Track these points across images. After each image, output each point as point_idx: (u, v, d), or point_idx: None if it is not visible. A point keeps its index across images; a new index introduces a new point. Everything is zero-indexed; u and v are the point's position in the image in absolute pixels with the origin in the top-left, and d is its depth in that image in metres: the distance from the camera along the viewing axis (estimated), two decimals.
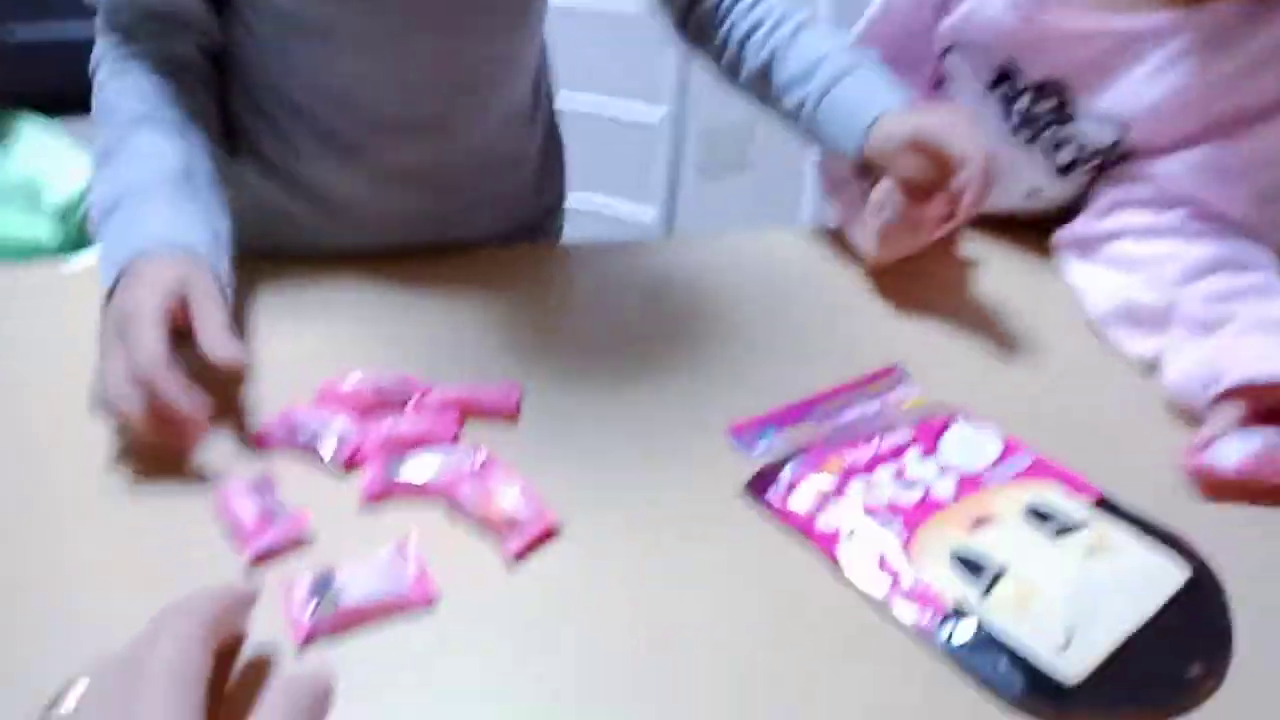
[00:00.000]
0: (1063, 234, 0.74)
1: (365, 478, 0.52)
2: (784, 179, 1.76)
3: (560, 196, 0.92)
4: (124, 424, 0.50)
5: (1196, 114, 0.65)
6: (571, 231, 0.96)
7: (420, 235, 0.76)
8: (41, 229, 1.16)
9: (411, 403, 0.59)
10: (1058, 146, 0.71)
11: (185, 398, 0.49)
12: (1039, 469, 0.52)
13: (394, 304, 0.70)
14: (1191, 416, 0.58)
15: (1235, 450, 0.51)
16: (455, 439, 0.56)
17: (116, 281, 0.54)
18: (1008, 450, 0.53)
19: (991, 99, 0.72)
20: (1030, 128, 0.71)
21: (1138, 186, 0.69)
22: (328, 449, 0.54)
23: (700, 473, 0.53)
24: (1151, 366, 0.63)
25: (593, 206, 1.19)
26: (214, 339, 0.51)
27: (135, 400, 0.49)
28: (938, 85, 0.77)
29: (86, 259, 1.15)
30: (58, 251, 1.17)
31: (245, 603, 0.36)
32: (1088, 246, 0.71)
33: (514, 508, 0.50)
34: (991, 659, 0.42)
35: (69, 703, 0.31)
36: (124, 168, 0.60)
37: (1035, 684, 0.41)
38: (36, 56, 1.18)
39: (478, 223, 0.80)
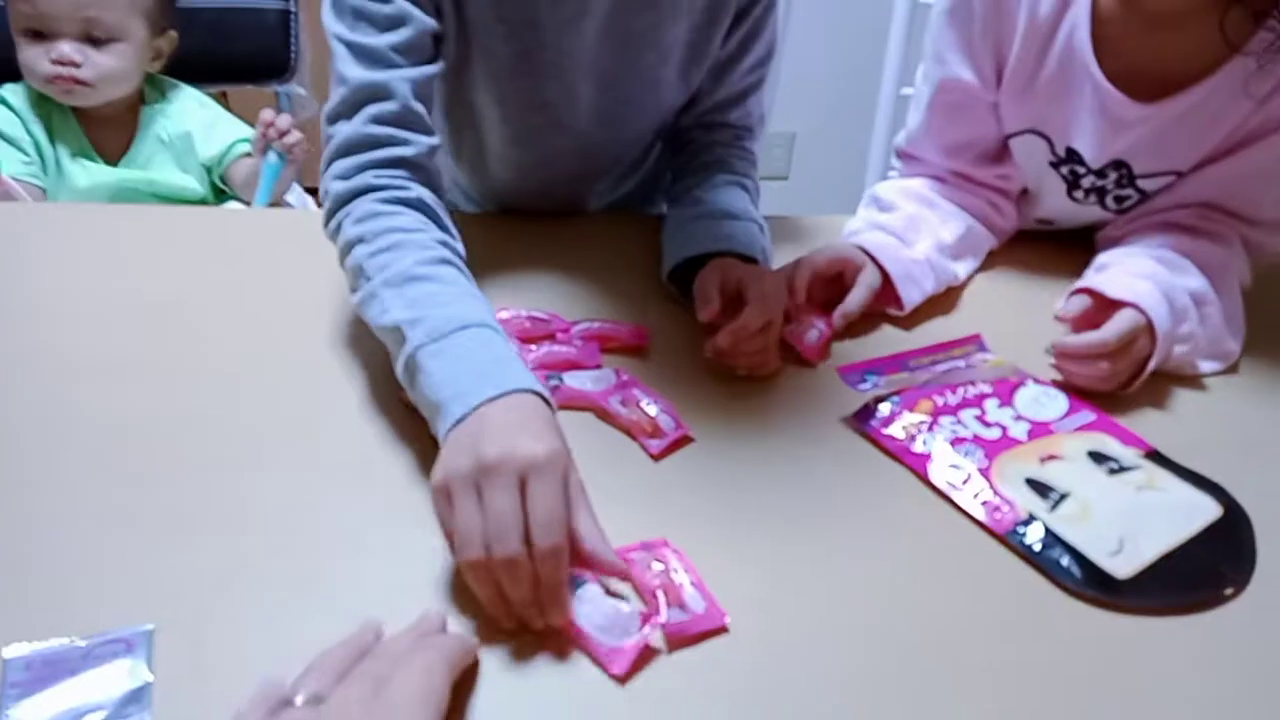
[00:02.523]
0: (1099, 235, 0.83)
1: None
2: (823, 187, 1.80)
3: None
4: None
5: (1228, 142, 0.73)
6: None
7: (550, 204, 0.88)
8: (191, 180, 1.30)
9: (559, 335, 0.69)
10: (1119, 199, 0.80)
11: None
12: (1100, 424, 0.62)
13: (532, 257, 0.81)
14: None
15: None
16: (599, 366, 0.67)
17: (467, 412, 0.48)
18: (1073, 407, 0.63)
19: (1055, 175, 0.80)
20: (1098, 195, 0.80)
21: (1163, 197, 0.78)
22: None
23: (809, 404, 0.63)
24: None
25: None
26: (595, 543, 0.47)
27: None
28: (999, 158, 0.83)
29: (230, 207, 1.30)
30: (202, 199, 1.31)
31: (471, 651, 0.42)
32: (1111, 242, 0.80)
33: (657, 415, 0.60)
34: (1056, 555, 0.51)
35: (299, 699, 0.37)
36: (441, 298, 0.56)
37: (1091, 576, 0.50)
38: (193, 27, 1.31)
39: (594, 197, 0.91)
